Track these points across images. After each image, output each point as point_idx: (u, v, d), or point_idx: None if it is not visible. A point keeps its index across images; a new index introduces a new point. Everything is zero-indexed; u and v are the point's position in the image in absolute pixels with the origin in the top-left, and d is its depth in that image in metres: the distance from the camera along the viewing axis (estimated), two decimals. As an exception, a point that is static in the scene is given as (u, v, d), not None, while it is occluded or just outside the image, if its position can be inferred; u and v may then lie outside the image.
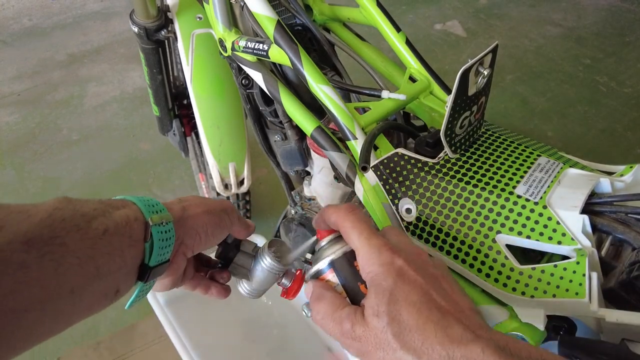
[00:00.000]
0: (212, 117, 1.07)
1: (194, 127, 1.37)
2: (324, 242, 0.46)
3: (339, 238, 0.45)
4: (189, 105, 1.26)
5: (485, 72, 0.54)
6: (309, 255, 0.53)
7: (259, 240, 0.81)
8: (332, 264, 0.43)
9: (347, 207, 0.43)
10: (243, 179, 1.10)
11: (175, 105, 1.32)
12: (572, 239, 0.47)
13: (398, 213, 0.57)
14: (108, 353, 1.08)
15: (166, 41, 1.15)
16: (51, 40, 2.56)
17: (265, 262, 0.51)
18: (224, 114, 1.08)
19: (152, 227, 0.39)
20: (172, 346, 0.72)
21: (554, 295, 0.46)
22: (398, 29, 0.73)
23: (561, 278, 0.46)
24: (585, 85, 2.18)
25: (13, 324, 0.29)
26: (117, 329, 1.24)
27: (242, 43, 0.70)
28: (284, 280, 0.53)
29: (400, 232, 0.44)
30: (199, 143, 1.37)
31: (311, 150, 0.79)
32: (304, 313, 0.45)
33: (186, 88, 1.10)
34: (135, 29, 1.06)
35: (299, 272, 0.54)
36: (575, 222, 0.48)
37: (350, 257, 0.43)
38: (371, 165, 0.59)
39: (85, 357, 1.08)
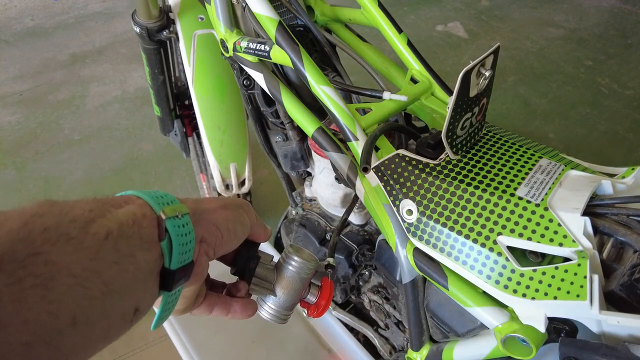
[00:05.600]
0: (213, 117, 1.07)
1: (195, 128, 1.37)
2: None
3: None
4: (191, 106, 1.26)
5: (487, 74, 0.54)
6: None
7: (267, 247, 0.81)
8: None
9: None
10: (244, 180, 1.10)
11: (177, 106, 1.33)
12: (574, 241, 0.47)
13: (399, 214, 0.57)
14: (108, 353, 1.08)
15: (168, 42, 1.16)
16: (53, 40, 2.56)
17: (294, 264, 0.46)
18: (225, 114, 1.08)
19: (166, 221, 0.32)
20: (172, 346, 0.72)
21: (555, 297, 0.46)
22: (399, 30, 0.73)
23: (562, 280, 0.46)
24: (587, 87, 2.18)
25: None
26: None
27: (243, 44, 0.70)
28: (308, 297, 0.49)
29: None
30: (200, 143, 1.37)
31: (312, 151, 0.79)
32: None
33: (187, 88, 1.10)
34: (137, 30, 1.06)
35: (324, 285, 0.50)
36: (577, 224, 0.48)
37: None
38: (372, 167, 0.59)
39: (85, 357, 1.08)
